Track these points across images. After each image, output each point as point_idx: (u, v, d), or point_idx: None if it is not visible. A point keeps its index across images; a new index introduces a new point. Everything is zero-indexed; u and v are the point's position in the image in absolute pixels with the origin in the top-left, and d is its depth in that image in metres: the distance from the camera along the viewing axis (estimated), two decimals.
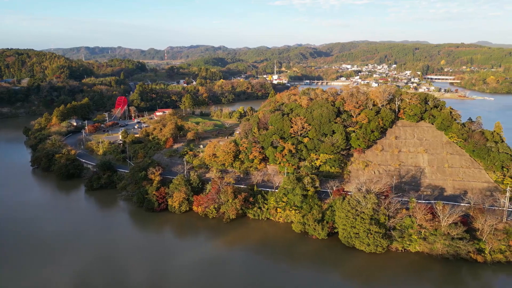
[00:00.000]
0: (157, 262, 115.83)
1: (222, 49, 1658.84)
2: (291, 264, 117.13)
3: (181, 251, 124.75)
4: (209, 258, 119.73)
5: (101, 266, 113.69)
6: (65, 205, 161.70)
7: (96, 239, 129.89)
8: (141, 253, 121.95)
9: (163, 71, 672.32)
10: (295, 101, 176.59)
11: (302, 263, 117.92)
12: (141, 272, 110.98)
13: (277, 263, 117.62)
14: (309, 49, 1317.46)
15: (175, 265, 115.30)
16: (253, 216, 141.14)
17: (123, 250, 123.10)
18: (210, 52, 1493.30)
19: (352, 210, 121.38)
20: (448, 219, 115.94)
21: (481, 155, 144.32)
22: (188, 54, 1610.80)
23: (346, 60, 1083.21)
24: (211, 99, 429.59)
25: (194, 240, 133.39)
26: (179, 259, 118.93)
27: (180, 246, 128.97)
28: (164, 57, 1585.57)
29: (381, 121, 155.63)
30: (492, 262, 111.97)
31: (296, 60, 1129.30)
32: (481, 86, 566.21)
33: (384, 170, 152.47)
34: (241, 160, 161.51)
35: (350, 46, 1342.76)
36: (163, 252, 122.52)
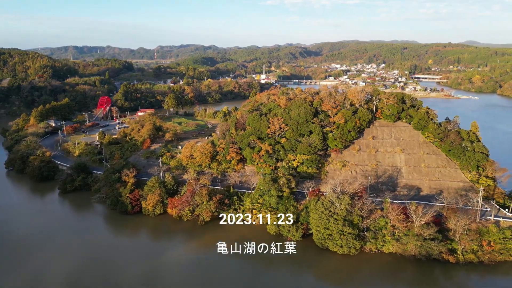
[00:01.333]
0: (130, 266, 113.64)
1: (213, 48, 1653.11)
2: (265, 265, 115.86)
3: (155, 254, 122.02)
4: (183, 260, 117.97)
5: (70, 270, 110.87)
6: (37, 208, 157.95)
7: (67, 242, 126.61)
8: (113, 256, 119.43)
9: (150, 70, 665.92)
10: (274, 101, 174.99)
11: (276, 264, 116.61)
12: (114, 275, 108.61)
13: (251, 264, 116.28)
14: (299, 49, 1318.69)
15: (148, 268, 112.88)
16: (229, 218, 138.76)
17: (94, 254, 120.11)
18: (200, 52, 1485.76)
19: (326, 211, 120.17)
20: (420, 220, 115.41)
21: (457, 155, 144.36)
22: (178, 53, 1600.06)
23: (335, 59, 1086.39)
24: (197, 99, 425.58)
25: (168, 243, 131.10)
26: (152, 262, 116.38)
27: (153, 249, 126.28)
28: (153, 57, 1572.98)
29: (358, 121, 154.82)
30: (464, 263, 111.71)
31: (286, 59, 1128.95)
32: (466, 85, 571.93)
33: (361, 170, 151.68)
34: (218, 161, 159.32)
35: (339, 45, 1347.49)
36: (136, 256, 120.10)
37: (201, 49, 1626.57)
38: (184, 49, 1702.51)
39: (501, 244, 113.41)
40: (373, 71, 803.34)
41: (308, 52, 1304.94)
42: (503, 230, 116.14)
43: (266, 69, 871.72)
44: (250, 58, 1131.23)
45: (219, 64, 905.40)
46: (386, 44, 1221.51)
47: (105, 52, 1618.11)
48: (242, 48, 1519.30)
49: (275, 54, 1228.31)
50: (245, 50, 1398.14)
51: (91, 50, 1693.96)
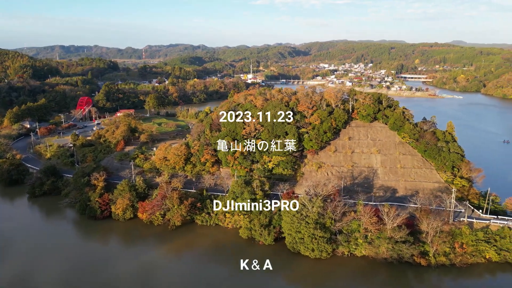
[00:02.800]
0: (98, 272, 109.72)
1: (202, 48, 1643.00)
2: (238, 269, 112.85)
3: (124, 259, 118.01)
4: (153, 265, 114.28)
5: (36, 276, 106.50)
6: (5, 213, 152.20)
7: (33, 248, 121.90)
8: (81, 262, 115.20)
9: (136, 70, 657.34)
10: (251, 101, 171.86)
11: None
12: (81, 282, 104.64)
13: (222, 269, 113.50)
14: (288, 48, 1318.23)
15: (116, 274, 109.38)
16: (201, 222, 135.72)
17: (61, 260, 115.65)
18: (189, 51, 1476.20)
19: (298, 215, 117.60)
20: (393, 222, 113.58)
21: (432, 155, 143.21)
22: (167, 53, 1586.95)
23: (324, 59, 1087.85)
24: (181, 99, 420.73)
25: (138, 248, 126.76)
26: (122, 268, 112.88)
27: (123, 255, 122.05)
28: (142, 56, 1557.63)
29: (334, 122, 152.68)
30: (436, 265, 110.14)
31: (274, 59, 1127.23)
32: (451, 84, 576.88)
33: (337, 171, 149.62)
34: (193, 163, 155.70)
35: (328, 45, 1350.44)
36: (104, 261, 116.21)
37: (190, 49, 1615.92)
38: (173, 48, 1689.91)
39: (474, 246, 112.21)
40: (360, 70, 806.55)
41: (297, 52, 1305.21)
42: (476, 232, 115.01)
43: (254, 68, 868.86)
44: (239, 58, 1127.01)
45: (207, 64, 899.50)
46: (374, 44, 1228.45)
47: (93, 52, 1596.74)
48: (232, 48, 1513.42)
49: (264, 53, 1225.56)
50: (234, 50, 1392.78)
51: (78, 50, 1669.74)
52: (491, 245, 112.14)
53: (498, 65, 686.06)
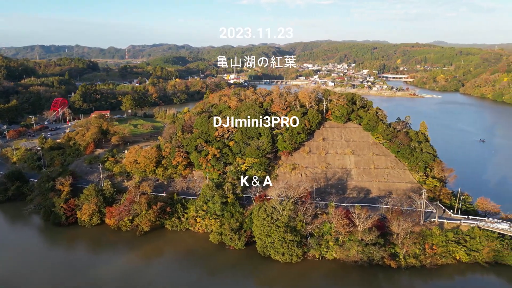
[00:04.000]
0: (64, 280, 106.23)
1: (186, 48, 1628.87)
2: (208, 274, 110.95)
3: (91, 267, 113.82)
4: (122, 272, 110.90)
5: None
6: None
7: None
8: (46, 271, 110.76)
9: (117, 70, 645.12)
10: (225, 102, 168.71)
11: (218, 273, 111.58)
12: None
13: (191, 275, 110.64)
14: (272, 48, 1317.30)
15: (84, 281, 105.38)
16: (171, 227, 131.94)
17: (25, 269, 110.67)
18: (173, 51, 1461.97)
19: (268, 218, 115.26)
20: (363, 224, 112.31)
21: (405, 156, 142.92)
22: (151, 53, 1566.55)
23: (308, 59, 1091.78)
24: (161, 99, 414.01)
25: (106, 255, 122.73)
26: (89, 275, 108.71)
27: (90, 262, 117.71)
28: (125, 56, 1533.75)
29: (307, 123, 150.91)
30: (406, 267, 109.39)
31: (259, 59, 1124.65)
32: (431, 84, 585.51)
33: (311, 172, 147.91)
34: (164, 166, 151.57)
35: (312, 45, 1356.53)
36: (71, 269, 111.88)
37: (174, 49, 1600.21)
38: (156, 48, 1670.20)
39: (444, 247, 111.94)
40: (343, 70, 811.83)
41: (281, 52, 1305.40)
42: (446, 233, 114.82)
43: (238, 68, 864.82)
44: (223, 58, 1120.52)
45: (190, 64, 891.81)
46: (356, 44, 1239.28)
47: (74, 52, 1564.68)
48: (216, 48, 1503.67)
49: (248, 53, 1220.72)
50: (218, 50, 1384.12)
51: (58, 50, 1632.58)
52: (461, 246, 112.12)
53: (477, 65, 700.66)
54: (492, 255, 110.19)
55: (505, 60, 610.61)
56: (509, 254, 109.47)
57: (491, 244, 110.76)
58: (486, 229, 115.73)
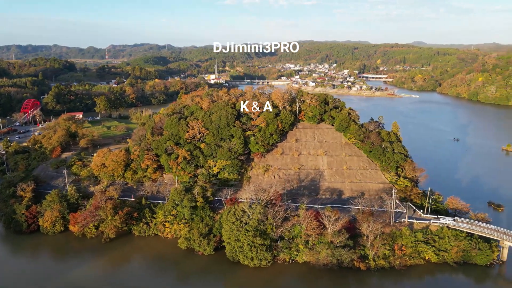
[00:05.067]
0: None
1: (168, 47, 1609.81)
2: (176, 280, 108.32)
3: (53, 276, 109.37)
4: (88, 280, 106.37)
5: None
6: None
7: None
8: (7, 281, 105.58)
9: (94, 70, 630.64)
10: (197, 103, 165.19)
11: (186, 280, 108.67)
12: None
13: (159, 281, 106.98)
14: (255, 48, 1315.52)
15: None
16: (139, 233, 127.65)
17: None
18: (154, 51, 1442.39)
19: (237, 222, 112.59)
20: (333, 226, 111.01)
21: (377, 156, 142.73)
22: (131, 52, 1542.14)
23: (290, 59, 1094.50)
24: (139, 100, 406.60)
25: (70, 263, 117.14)
26: (52, 284, 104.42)
27: (53, 271, 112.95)
28: (105, 56, 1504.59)
29: (280, 124, 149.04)
30: (376, 269, 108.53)
31: (241, 59, 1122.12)
32: (410, 84, 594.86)
33: (284, 174, 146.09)
34: (133, 169, 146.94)
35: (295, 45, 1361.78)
36: (33, 279, 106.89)
37: (156, 49, 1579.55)
38: (137, 48, 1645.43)
39: (413, 247, 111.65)
40: (324, 71, 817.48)
41: (264, 52, 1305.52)
42: (415, 233, 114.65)
43: (220, 69, 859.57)
44: (205, 58, 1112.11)
45: (171, 64, 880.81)
46: (338, 44, 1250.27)
47: (52, 52, 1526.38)
48: (198, 48, 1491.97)
49: (230, 53, 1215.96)
50: (200, 50, 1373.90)
51: (36, 49, 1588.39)
52: (430, 246, 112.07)
53: (453, 65, 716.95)
54: (461, 255, 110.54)
55: (480, 60, 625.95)
56: (477, 254, 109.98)
57: (460, 243, 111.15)
58: (455, 228, 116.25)
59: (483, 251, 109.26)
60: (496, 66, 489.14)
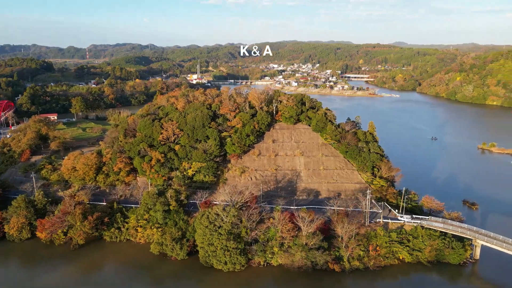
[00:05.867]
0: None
1: (150, 47, 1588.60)
2: (147, 286, 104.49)
3: (21, 284, 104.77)
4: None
5: None
6: None
7: None
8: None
9: (73, 71, 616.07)
10: (172, 104, 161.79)
11: (159, 286, 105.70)
12: None
13: (132, 286, 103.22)
14: (238, 48, 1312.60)
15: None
16: (110, 238, 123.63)
17: None
18: (137, 51, 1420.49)
19: (210, 226, 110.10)
20: (308, 228, 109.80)
21: (353, 156, 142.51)
22: (113, 52, 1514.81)
23: (273, 59, 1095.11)
24: (119, 101, 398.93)
25: (38, 271, 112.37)
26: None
27: (19, 279, 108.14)
28: (86, 56, 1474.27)
29: (256, 125, 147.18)
30: (350, 270, 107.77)
31: (224, 59, 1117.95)
32: (390, 84, 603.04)
33: (261, 175, 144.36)
34: (105, 173, 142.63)
35: (278, 45, 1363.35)
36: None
37: (138, 48, 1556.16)
38: (119, 48, 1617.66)
39: (387, 248, 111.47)
40: (307, 71, 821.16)
41: (248, 52, 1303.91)
42: (390, 233, 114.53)
43: (203, 69, 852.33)
44: (188, 58, 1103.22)
45: (154, 64, 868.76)
46: (321, 44, 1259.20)
47: (30, 52, 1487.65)
48: (182, 48, 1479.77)
49: (214, 53, 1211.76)
50: (184, 50, 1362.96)
51: (14, 49, 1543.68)
52: (404, 246, 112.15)
53: (433, 65, 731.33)
54: (434, 254, 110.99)
55: (459, 60, 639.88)
56: (450, 253, 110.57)
57: (433, 243, 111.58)
58: (428, 228, 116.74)
59: (456, 250, 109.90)
60: (474, 66, 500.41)
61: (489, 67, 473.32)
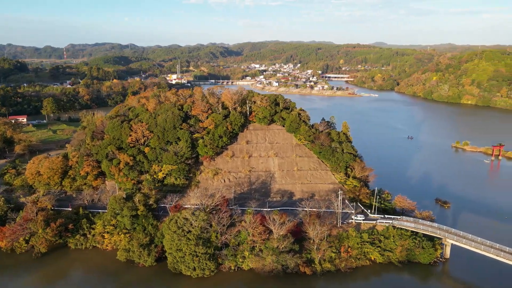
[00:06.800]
0: None
1: (130, 47, 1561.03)
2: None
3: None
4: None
5: None
6: None
7: None
8: None
9: (47, 71, 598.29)
10: (143, 105, 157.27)
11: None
12: None
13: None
14: (220, 48, 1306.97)
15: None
16: (75, 245, 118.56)
17: None
18: (116, 50, 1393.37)
19: (179, 231, 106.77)
20: (279, 231, 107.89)
21: (327, 156, 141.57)
22: (92, 52, 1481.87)
23: (255, 59, 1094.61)
24: (94, 102, 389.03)
25: None
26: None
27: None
28: (63, 56, 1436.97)
29: (229, 126, 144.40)
30: (322, 273, 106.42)
31: (206, 59, 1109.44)
32: (369, 83, 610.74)
33: (234, 177, 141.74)
34: (72, 177, 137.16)
35: (260, 45, 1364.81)
36: None
37: (118, 48, 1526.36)
38: (98, 47, 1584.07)
39: (359, 249, 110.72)
40: (289, 71, 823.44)
41: (229, 52, 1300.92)
42: (361, 234, 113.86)
43: (184, 69, 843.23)
44: (169, 58, 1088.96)
45: (133, 64, 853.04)
46: (302, 44, 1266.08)
47: (5, 51, 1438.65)
48: (163, 47, 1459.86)
49: (195, 53, 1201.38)
50: (165, 49, 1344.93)
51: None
52: (375, 246, 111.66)
53: (411, 65, 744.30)
54: (405, 254, 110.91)
55: (435, 60, 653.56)
56: (420, 252, 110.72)
57: (404, 243, 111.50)
58: (400, 227, 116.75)
59: (426, 250, 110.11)
60: (449, 66, 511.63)
61: (464, 67, 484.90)
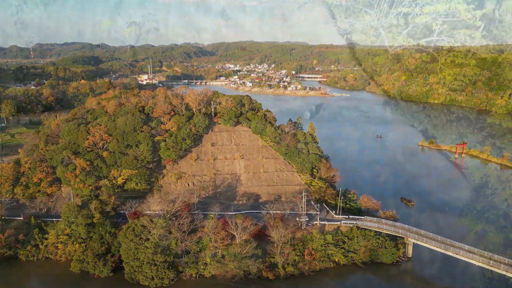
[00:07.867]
0: None
1: (102, 47, 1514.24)
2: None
3: None
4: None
5: None
6: None
7: None
8: None
9: (10, 72, 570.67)
10: (103, 107, 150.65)
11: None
12: None
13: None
14: (194, 48, 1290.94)
15: None
16: (26, 257, 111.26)
17: None
18: (87, 50, 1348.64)
19: (136, 239, 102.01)
20: (241, 235, 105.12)
21: (293, 158, 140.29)
22: (61, 52, 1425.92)
23: (230, 59, 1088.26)
24: (60, 103, 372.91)
25: None
26: None
27: None
28: (30, 56, 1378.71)
29: (193, 128, 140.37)
30: (285, 277, 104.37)
31: (180, 59, 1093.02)
32: (342, 83, 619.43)
33: (199, 181, 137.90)
34: (24, 184, 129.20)
35: (235, 45, 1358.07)
36: None
37: (88, 48, 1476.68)
38: (68, 47, 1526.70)
39: (323, 251, 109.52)
40: (263, 71, 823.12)
41: (204, 52, 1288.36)
42: (325, 236, 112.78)
43: (156, 69, 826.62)
44: (142, 58, 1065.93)
45: (104, 64, 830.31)
46: (277, 45, 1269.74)
47: None
48: (136, 47, 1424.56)
49: (169, 53, 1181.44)
50: (137, 49, 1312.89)
51: None
52: (339, 248, 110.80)
53: (382, 65, 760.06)
54: (368, 255, 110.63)
55: (405, 60, 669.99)
56: (383, 252, 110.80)
57: (368, 243, 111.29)
58: (364, 228, 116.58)
59: (389, 249, 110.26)
60: (417, 66, 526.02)
61: (431, 66, 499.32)
